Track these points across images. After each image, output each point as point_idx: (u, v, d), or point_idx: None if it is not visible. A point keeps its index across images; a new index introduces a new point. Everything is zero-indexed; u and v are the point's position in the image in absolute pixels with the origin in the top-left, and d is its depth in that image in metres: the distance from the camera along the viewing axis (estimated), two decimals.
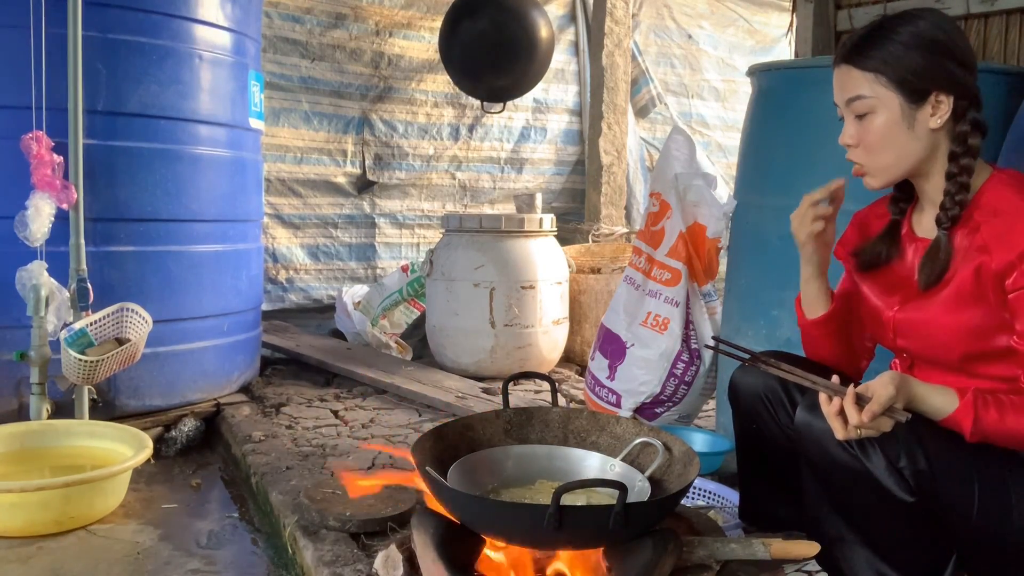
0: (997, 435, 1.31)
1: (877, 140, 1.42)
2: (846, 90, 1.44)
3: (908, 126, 1.40)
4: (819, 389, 1.34)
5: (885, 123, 1.41)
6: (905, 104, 1.40)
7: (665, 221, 2.70)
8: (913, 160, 1.43)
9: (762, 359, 1.50)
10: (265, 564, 1.97)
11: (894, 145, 1.42)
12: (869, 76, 1.41)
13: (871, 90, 1.41)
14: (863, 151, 1.45)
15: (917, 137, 1.41)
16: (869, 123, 1.42)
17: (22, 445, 2.31)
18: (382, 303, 4.08)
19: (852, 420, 1.28)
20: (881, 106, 1.41)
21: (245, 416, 2.79)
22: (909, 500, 1.33)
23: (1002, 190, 1.39)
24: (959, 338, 1.40)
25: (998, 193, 1.39)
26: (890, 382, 1.28)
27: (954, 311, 1.40)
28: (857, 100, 1.42)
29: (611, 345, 2.73)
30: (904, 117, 1.40)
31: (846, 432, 1.30)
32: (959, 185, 1.39)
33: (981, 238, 1.37)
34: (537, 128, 5.25)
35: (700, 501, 1.98)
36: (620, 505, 1.27)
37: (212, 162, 2.82)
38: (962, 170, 1.39)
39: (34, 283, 2.32)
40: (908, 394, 1.31)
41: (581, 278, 3.73)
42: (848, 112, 1.45)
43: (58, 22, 2.39)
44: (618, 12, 4.97)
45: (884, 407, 1.26)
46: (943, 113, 1.39)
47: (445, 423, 1.66)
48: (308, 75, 4.44)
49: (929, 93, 1.39)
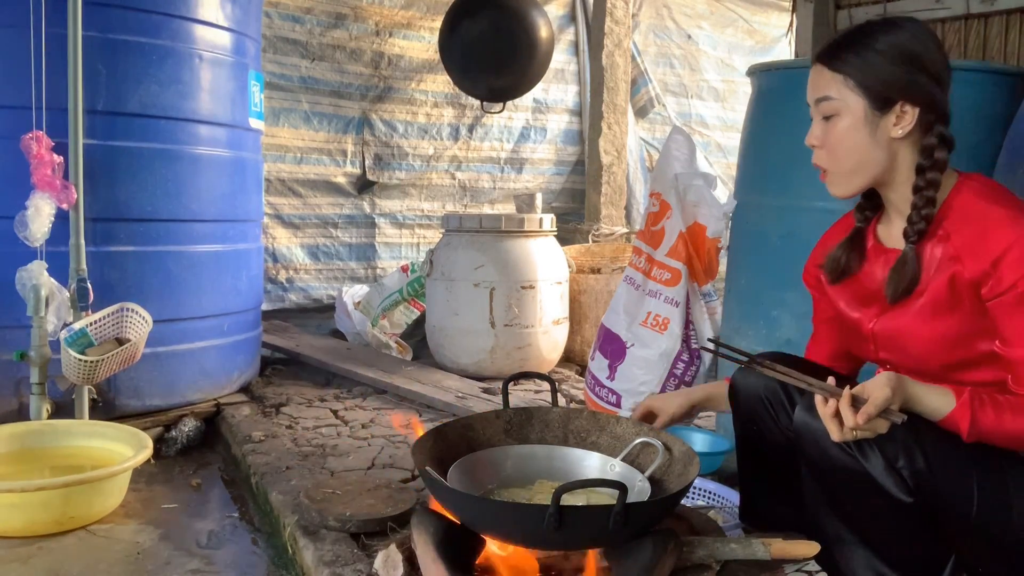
0: (994, 435, 1.31)
1: (838, 143, 1.44)
2: (816, 89, 1.46)
3: (870, 132, 1.41)
4: (815, 391, 1.35)
5: (847, 126, 1.42)
6: (869, 110, 1.41)
7: (665, 221, 2.70)
8: (873, 168, 1.44)
9: (758, 361, 1.50)
10: (265, 564, 1.97)
11: (854, 149, 1.43)
12: (838, 78, 1.42)
13: (838, 92, 1.42)
14: (826, 153, 1.46)
15: (878, 144, 1.42)
16: (833, 125, 1.44)
17: (22, 445, 2.31)
18: (382, 303, 4.08)
19: (848, 422, 1.28)
20: (845, 109, 1.42)
21: (245, 416, 2.79)
22: (908, 500, 1.33)
23: (970, 198, 1.40)
24: (937, 348, 1.41)
25: (966, 201, 1.40)
26: (886, 383, 1.28)
27: (930, 321, 1.40)
28: (824, 101, 1.44)
29: (611, 345, 2.73)
30: (867, 122, 1.41)
31: (842, 434, 1.30)
32: (925, 199, 1.40)
33: (953, 247, 1.38)
34: (537, 128, 5.25)
35: (700, 501, 1.98)
36: (620, 505, 1.27)
37: (212, 162, 2.82)
38: (928, 184, 1.40)
39: (34, 283, 2.32)
40: (905, 395, 1.31)
41: (581, 278, 3.73)
42: (816, 112, 1.47)
43: (58, 22, 2.39)
44: (618, 12, 4.97)
45: (880, 409, 1.27)
46: (907, 124, 1.40)
47: (445, 423, 1.66)
48: (308, 75, 4.44)
49: (895, 102, 1.40)
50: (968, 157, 2.13)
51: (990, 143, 2.02)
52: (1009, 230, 1.32)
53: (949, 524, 1.37)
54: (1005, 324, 1.34)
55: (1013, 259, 1.30)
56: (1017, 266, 1.30)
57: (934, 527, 1.38)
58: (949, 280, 1.37)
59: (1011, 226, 1.33)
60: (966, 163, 2.14)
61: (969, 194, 1.40)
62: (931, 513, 1.36)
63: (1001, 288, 1.32)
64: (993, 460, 1.35)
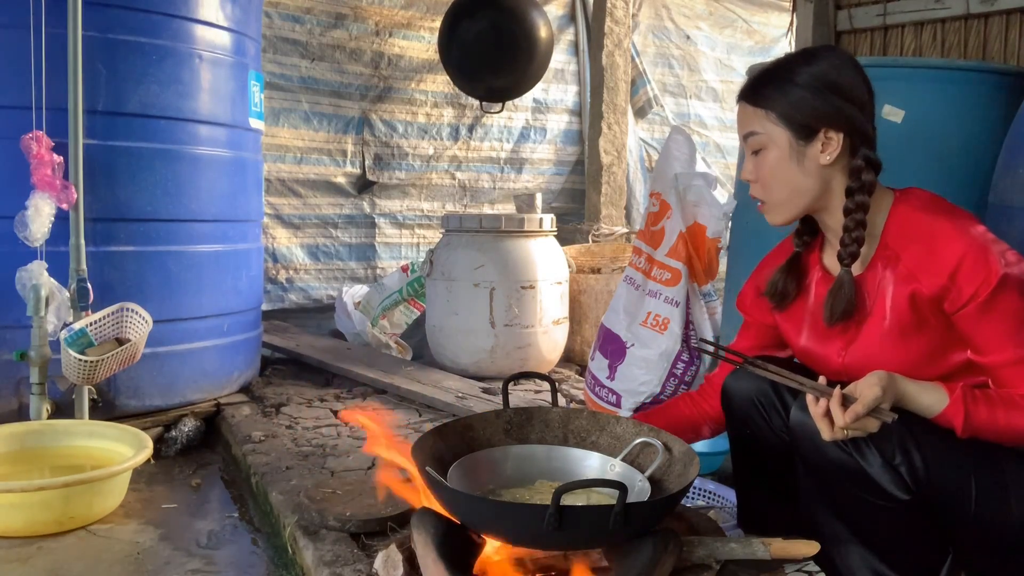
0: (988, 431, 1.32)
1: (769, 175, 1.46)
2: (742, 126, 1.49)
3: (797, 162, 1.44)
4: (806, 390, 1.35)
5: (775, 159, 1.45)
6: (793, 140, 1.43)
7: (665, 221, 2.70)
8: (807, 196, 1.46)
9: (750, 361, 1.51)
10: (265, 564, 1.97)
11: (785, 180, 1.45)
12: (760, 112, 1.45)
13: (761, 126, 1.45)
14: (760, 186, 1.49)
15: (807, 173, 1.44)
16: (763, 159, 1.47)
17: (22, 445, 2.31)
18: (382, 303, 4.08)
19: (838, 422, 1.29)
20: (771, 142, 1.45)
21: (245, 416, 2.79)
22: (905, 498, 1.34)
23: (910, 214, 1.42)
24: (913, 367, 1.41)
25: (907, 218, 1.42)
26: (876, 383, 1.28)
27: (901, 343, 1.41)
28: (751, 136, 1.47)
29: (611, 345, 2.73)
30: (792, 153, 1.43)
31: (833, 433, 1.31)
32: (856, 221, 1.42)
33: (904, 267, 1.39)
34: (537, 128, 5.25)
35: (700, 501, 1.99)
36: (620, 505, 1.27)
37: (212, 162, 2.82)
38: (858, 206, 1.42)
39: (34, 283, 2.32)
40: (896, 393, 1.31)
41: (581, 278, 3.73)
42: (746, 148, 1.49)
43: (58, 22, 2.39)
44: (618, 12, 4.97)
45: (869, 408, 1.27)
46: (833, 150, 1.42)
47: (445, 423, 1.66)
48: (308, 75, 4.44)
49: (817, 131, 1.42)
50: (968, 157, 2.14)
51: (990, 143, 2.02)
52: (958, 242, 1.34)
53: (947, 521, 1.37)
54: (974, 334, 1.35)
55: (968, 269, 1.32)
56: (973, 276, 1.32)
57: (932, 524, 1.38)
58: (910, 299, 1.38)
59: (959, 237, 1.34)
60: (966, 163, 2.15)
61: (909, 210, 1.42)
62: (928, 510, 1.36)
63: (962, 300, 1.33)
64: (990, 456, 1.35)
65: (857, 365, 1.47)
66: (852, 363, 1.48)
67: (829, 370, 1.53)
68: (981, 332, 1.34)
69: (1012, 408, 1.31)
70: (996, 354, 1.34)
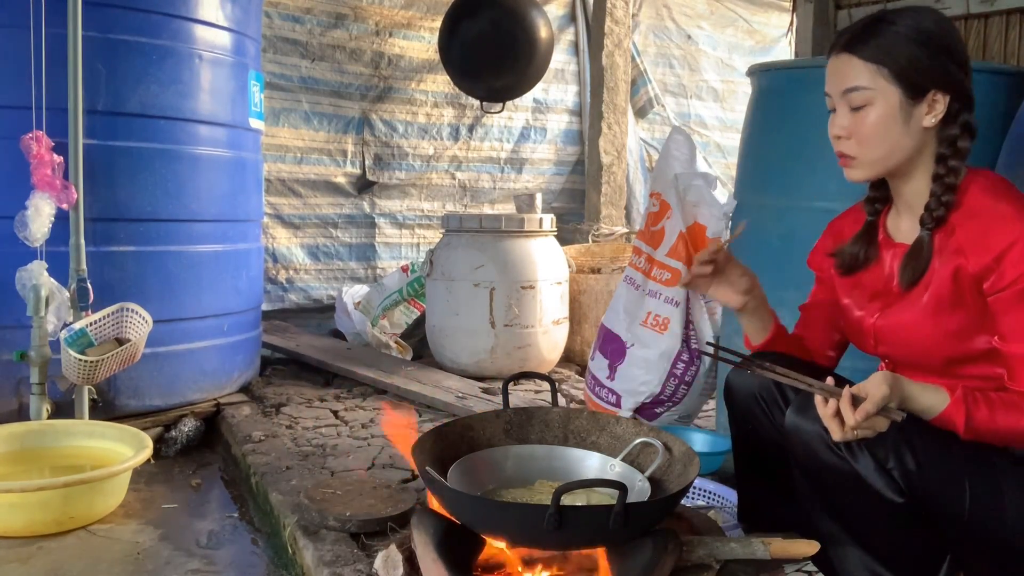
0: (988, 432, 1.32)
1: (871, 133, 1.41)
2: (845, 79, 1.42)
3: (904, 121, 1.39)
4: (814, 391, 1.34)
5: (882, 116, 1.40)
6: (904, 99, 1.39)
7: (665, 221, 2.70)
8: (900, 157, 1.42)
9: (757, 363, 1.50)
10: (265, 564, 1.97)
11: (887, 139, 1.40)
12: (871, 67, 1.39)
13: (872, 81, 1.39)
14: (855, 143, 1.43)
15: (910, 134, 1.40)
16: (865, 115, 1.41)
17: (22, 445, 2.31)
18: (382, 303, 4.08)
19: (848, 421, 1.28)
20: (880, 98, 1.39)
21: (245, 416, 2.79)
22: (899, 501, 1.34)
23: (977, 193, 1.40)
24: (941, 342, 1.41)
25: (973, 196, 1.40)
26: (883, 382, 1.28)
27: (934, 316, 1.40)
28: (855, 91, 1.40)
29: (611, 345, 2.73)
30: (901, 112, 1.39)
31: (843, 433, 1.30)
32: (946, 187, 1.39)
33: (956, 241, 1.38)
34: (537, 128, 5.25)
35: (700, 501, 1.99)
36: (620, 505, 1.27)
37: (212, 162, 2.82)
38: (949, 171, 1.39)
39: (34, 283, 2.31)
40: (900, 394, 1.31)
41: (581, 278, 3.73)
42: (843, 102, 1.43)
43: (58, 22, 2.39)
44: (618, 12, 4.96)
45: (879, 406, 1.26)
46: (938, 112, 1.39)
47: (445, 423, 1.66)
48: (308, 75, 4.44)
49: (928, 90, 1.38)
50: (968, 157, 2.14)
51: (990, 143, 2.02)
52: (1013, 226, 1.33)
53: (941, 524, 1.37)
54: (1003, 320, 1.34)
55: (1016, 255, 1.31)
56: (1019, 262, 1.31)
57: (928, 527, 1.38)
58: (953, 274, 1.37)
59: (1015, 223, 1.33)
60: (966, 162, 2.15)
61: (976, 189, 1.40)
62: (924, 513, 1.36)
63: (1002, 284, 1.32)
64: (985, 459, 1.35)
65: (887, 329, 1.47)
66: (883, 327, 1.48)
67: (860, 330, 1.52)
68: (1011, 319, 1.33)
69: (1012, 409, 1.31)
70: (1019, 344, 1.33)
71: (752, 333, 1.67)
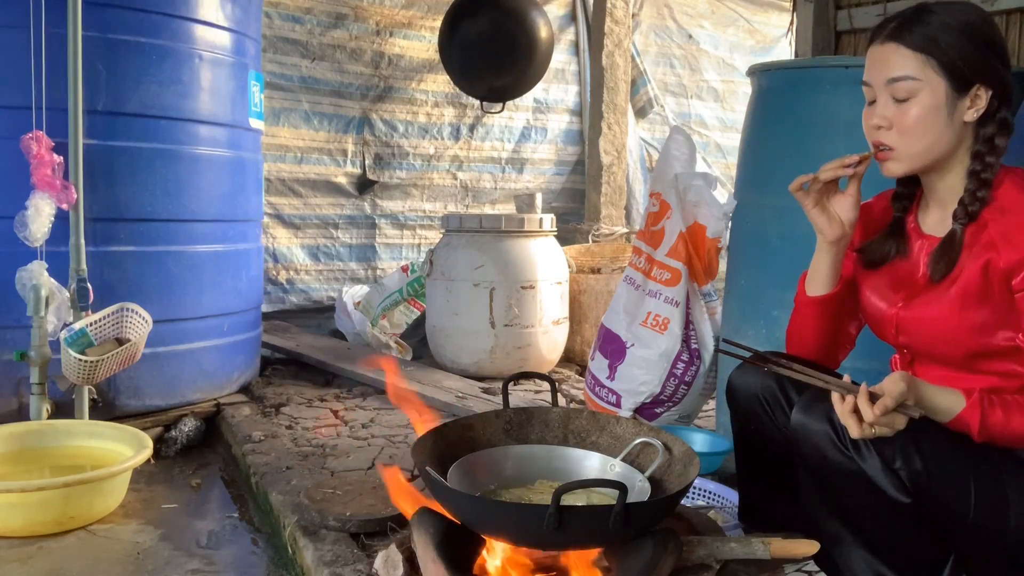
0: (1003, 436, 1.31)
1: (915, 125, 1.38)
2: (890, 68, 1.39)
3: (948, 114, 1.37)
4: (832, 388, 1.33)
5: (927, 108, 1.37)
6: (950, 92, 1.37)
7: (665, 221, 2.70)
8: (940, 151, 1.40)
9: (773, 360, 1.49)
10: (265, 564, 1.97)
11: (930, 132, 1.38)
12: (920, 57, 1.37)
13: (920, 71, 1.37)
14: (896, 134, 1.40)
15: (952, 127, 1.38)
16: (909, 106, 1.38)
17: (22, 445, 2.31)
18: (382, 303, 4.08)
19: (867, 417, 1.27)
20: (927, 89, 1.37)
21: (245, 416, 2.79)
22: (905, 501, 1.33)
23: (1010, 189, 1.39)
24: (964, 336, 1.40)
25: (1007, 192, 1.39)
26: (900, 379, 1.28)
27: (960, 309, 1.39)
28: (902, 81, 1.38)
29: (611, 345, 2.73)
30: (947, 104, 1.37)
31: (861, 430, 1.29)
32: (981, 182, 1.38)
33: (988, 235, 1.37)
34: (537, 128, 5.25)
35: (700, 501, 1.98)
36: (620, 505, 1.27)
37: (212, 162, 2.82)
38: (986, 167, 1.38)
39: (34, 283, 2.32)
40: (916, 394, 1.30)
41: (581, 278, 3.73)
42: (886, 92, 1.40)
43: (58, 22, 2.39)
44: (618, 12, 4.96)
45: (897, 402, 1.26)
46: (980, 107, 1.38)
47: (445, 423, 1.66)
48: (308, 75, 4.44)
49: (973, 84, 1.37)
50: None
51: None
52: None
53: (946, 525, 1.37)
54: None
55: None
56: None
57: (933, 527, 1.38)
58: (983, 268, 1.36)
59: None
60: None
61: (1010, 185, 1.39)
62: (929, 514, 1.36)
63: None
64: (991, 461, 1.35)
65: (911, 321, 1.46)
66: (906, 318, 1.47)
67: (881, 319, 1.52)
68: None
69: None
70: None
71: (819, 281, 1.56)
